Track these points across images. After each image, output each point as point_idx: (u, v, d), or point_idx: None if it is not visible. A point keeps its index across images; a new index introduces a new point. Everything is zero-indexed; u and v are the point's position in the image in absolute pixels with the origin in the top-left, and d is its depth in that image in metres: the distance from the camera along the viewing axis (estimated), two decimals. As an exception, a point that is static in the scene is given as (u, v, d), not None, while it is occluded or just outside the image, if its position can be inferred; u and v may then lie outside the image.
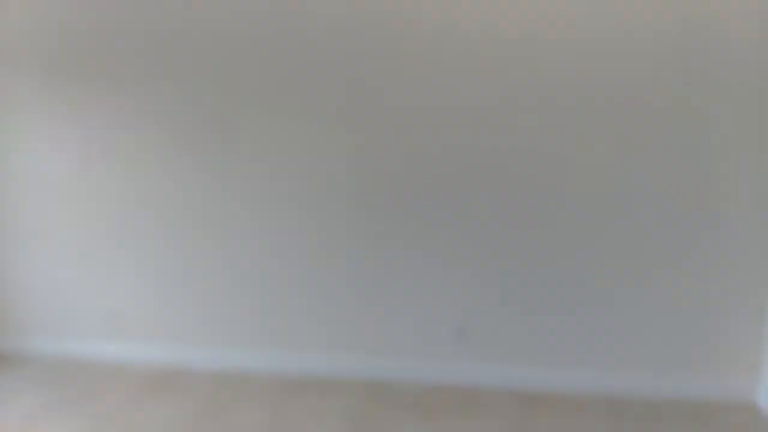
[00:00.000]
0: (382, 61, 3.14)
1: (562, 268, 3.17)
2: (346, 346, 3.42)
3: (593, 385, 3.23)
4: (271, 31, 3.20)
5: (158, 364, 3.55)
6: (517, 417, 3.00)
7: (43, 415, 3.01)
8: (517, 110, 3.09)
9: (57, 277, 3.58)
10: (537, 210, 3.15)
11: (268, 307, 3.45)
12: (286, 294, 3.42)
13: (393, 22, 3.10)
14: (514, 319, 3.25)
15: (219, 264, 3.44)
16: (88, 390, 3.26)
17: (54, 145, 3.45)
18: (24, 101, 3.44)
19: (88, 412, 3.03)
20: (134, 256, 3.49)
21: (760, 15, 2.86)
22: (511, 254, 3.20)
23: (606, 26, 2.97)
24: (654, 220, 3.08)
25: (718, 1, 2.87)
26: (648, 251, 3.11)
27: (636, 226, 3.09)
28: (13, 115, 3.46)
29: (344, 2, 3.11)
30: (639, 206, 3.08)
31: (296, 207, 3.34)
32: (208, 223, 3.41)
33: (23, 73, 3.40)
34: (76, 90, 3.38)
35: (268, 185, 3.34)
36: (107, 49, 3.32)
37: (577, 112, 3.05)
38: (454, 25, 3.06)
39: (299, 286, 3.40)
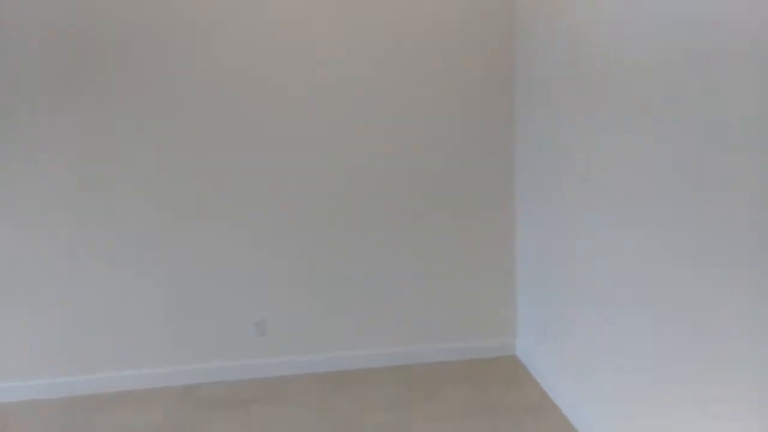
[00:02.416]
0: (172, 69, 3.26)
1: (349, 263, 3.49)
2: (153, 358, 3.46)
3: (384, 359, 3.59)
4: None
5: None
6: (319, 398, 3.26)
7: None
8: (305, 127, 3.37)
9: None
10: (325, 213, 3.44)
11: (66, 328, 3.38)
12: (86, 312, 3.38)
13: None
14: (309, 310, 3.51)
15: (22, 288, 3.33)
16: None
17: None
18: None
19: None
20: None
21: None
22: (302, 253, 3.45)
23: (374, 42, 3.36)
24: (423, 219, 3.52)
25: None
26: (419, 245, 3.54)
27: (412, 226, 3.51)
28: None
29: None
30: (409, 210, 3.50)
31: (92, 217, 3.31)
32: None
33: None
34: None
35: (62, 192, 3.28)
36: None
37: (350, 125, 3.41)
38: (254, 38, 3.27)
39: (99, 303, 3.38)
